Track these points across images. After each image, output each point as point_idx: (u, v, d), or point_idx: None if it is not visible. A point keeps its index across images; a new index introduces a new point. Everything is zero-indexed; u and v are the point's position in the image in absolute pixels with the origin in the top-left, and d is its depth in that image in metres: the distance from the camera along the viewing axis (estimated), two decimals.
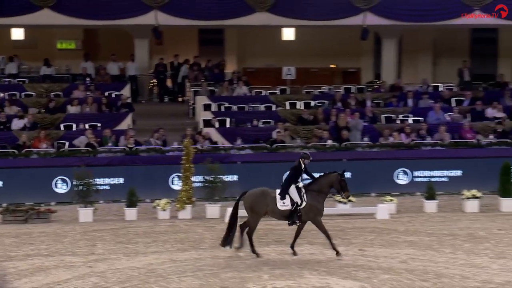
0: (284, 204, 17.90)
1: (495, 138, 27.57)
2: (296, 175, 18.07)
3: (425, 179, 25.53)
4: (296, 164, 18.16)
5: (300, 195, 17.89)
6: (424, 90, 31.53)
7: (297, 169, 18.08)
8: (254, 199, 18.18)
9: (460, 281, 16.66)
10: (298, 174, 18.08)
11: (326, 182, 18.03)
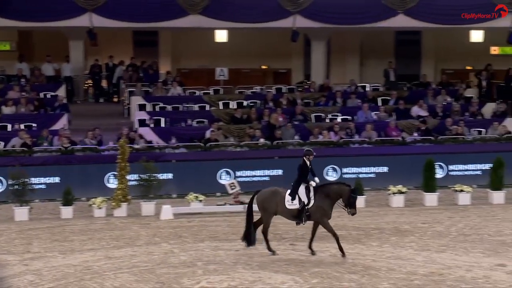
0: (292, 204, 17.68)
1: (419, 136, 27.98)
2: (304, 174, 17.76)
3: (353, 176, 25.73)
4: (301, 163, 17.87)
5: (309, 195, 17.63)
6: (352, 90, 31.84)
7: (303, 167, 17.81)
8: (264, 198, 18.01)
9: (386, 273, 16.87)
10: (305, 173, 17.76)
11: (336, 191, 17.69)
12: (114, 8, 30.61)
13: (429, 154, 25.22)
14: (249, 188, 25.08)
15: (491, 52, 35.54)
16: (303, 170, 17.78)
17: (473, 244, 19.09)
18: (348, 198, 17.51)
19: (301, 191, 17.66)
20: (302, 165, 17.83)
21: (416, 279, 16.39)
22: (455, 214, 22.66)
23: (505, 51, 35.29)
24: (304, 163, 17.84)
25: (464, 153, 26.74)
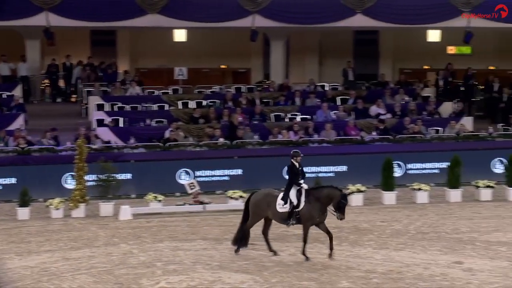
0: (282, 207, 17.39)
1: (378, 135, 28.18)
2: (294, 176, 17.47)
3: (312, 175, 25.77)
4: (289, 164, 17.65)
5: (300, 198, 17.35)
6: (311, 89, 31.96)
7: (292, 169, 17.56)
8: (256, 200, 17.78)
9: (345, 271, 16.96)
10: (295, 175, 17.48)
11: (327, 194, 17.34)
12: (71, 7, 30.33)
13: (387, 153, 25.40)
14: (209, 188, 25.14)
15: (448, 51, 35.93)
16: (292, 172, 17.53)
17: (431, 242, 19.27)
18: (338, 202, 17.22)
19: (292, 193, 17.40)
20: (291, 167, 17.59)
21: (374, 277, 16.50)
22: (413, 212, 22.86)
23: (461, 50, 35.71)
24: (292, 164, 17.59)
25: (422, 152, 26.99)
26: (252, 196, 18.10)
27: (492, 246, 18.89)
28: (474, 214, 22.50)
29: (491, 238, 19.62)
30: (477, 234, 20.05)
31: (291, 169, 17.61)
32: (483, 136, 28.18)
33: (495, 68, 35.83)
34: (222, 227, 21.25)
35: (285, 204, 17.34)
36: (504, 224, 21.11)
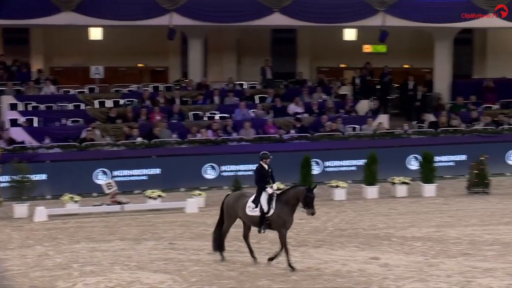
0: (253, 210, 16.73)
1: (296, 133, 28.41)
2: (262, 179, 16.76)
3: (231, 173, 25.88)
4: (257, 166, 16.96)
5: (270, 203, 16.65)
6: (229, 88, 31.99)
7: (260, 171, 16.83)
8: (229, 202, 17.24)
9: (265, 269, 17.04)
10: (263, 177, 16.76)
11: (293, 194, 16.66)
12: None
13: (305, 151, 25.64)
14: (127, 188, 24.93)
15: (364, 50, 36.49)
16: (260, 175, 16.83)
17: (348, 239, 19.54)
18: (305, 198, 16.49)
19: (263, 198, 16.71)
20: (259, 169, 16.91)
21: (293, 275, 16.63)
22: (331, 209, 23.14)
23: (377, 49, 36.31)
24: (260, 167, 16.89)
25: (339, 149, 27.33)
26: (226, 197, 17.58)
27: (407, 241, 19.28)
28: (390, 210, 22.92)
29: (406, 234, 20.02)
30: (393, 230, 20.43)
31: (259, 171, 16.86)
32: (398, 133, 28.73)
33: (409, 67, 36.58)
34: (140, 227, 21.10)
35: (255, 208, 16.70)
36: (419, 220, 21.58)
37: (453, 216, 21.94)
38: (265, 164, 16.93)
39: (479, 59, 36.25)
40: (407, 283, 16.00)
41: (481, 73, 35.72)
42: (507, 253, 18.10)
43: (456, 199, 24.31)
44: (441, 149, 27.25)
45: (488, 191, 24.81)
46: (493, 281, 16.11)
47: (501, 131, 29.11)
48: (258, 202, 16.70)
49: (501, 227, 20.56)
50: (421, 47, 35.14)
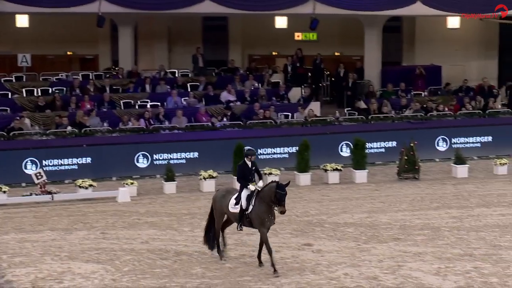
0: (234, 207, 16.16)
1: (229, 121, 28.38)
2: (245, 176, 16.10)
3: (164, 162, 25.72)
4: (240, 163, 16.33)
5: (249, 201, 15.96)
6: (160, 76, 31.75)
7: (243, 168, 16.16)
8: (216, 198, 16.74)
9: (199, 257, 17.03)
10: (246, 174, 16.09)
11: (267, 191, 15.81)
12: None
13: (238, 138, 25.61)
14: (57, 177, 24.58)
15: (295, 38, 36.63)
16: (242, 172, 16.17)
17: (281, 225, 19.62)
18: (275, 194, 15.61)
19: (243, 195, 16.08)
20: (242, 166, 16.27)
21: (227, 262, 16.65)
22: None
23: (308, 37, 36.50)
24: (244, 164, 16.23)
25: (272, 137, 27.40)
26: (215, 194, 17.19)
27: (339, 227, 19.49)
28: (323, 197, 23.12)
29: (339, 220, 20.23)
30: (325, 216, 20.61)
31: (241, 168, 16.24)
32: (330, 120, 28.96)
33: (340, 55, 36.89)
34: (71, 217, 20.82)
35: (236, 205, 16.14)
36: (351, 206, 21.81)
37: (384, 202, 22.25)
38: (249, 161, 16.18)
39: (407, 46, 36.78)
40: (340, 268, 16.17)
41: (410, 61, 36.25)
42: (436, 238, 18.46)
43: (387, 185, 24.66)
44: (372, 135, 27.57)
45: (418, 177, 25.23)
46: (423, 265, 16.41)
47: (430, 117, 29.61)
48: (239, 199, 16.12)
49: (430, 212, 20.95)
50: (351, 35, 35.45)
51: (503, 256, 16.94)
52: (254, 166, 16.30)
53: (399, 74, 33.61)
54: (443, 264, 16.45)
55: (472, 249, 17.50)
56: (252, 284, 15.31)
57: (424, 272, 15.94)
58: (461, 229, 19.22)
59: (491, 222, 19.78)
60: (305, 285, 15.28)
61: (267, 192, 15.82)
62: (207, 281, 15.50)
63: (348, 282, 14.79)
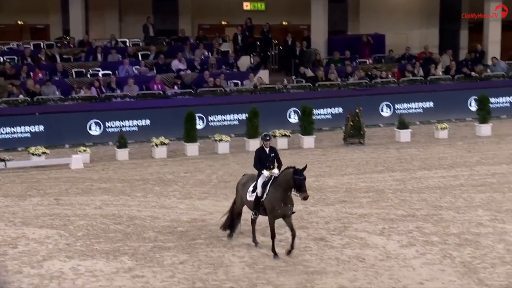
0: (251, 195, 14.95)
1: (179, 89, 28.20)
2: (260, 161, 14.79)
3: (116, 129, 25.50)
4: (257, 148, 15.09)
5: (265, 188, 14.69)
6: (112, 45, 31.35)
7: (260, 153, 14.85)
8: (238, 185, 15.55)
9: (151, 222, 16.98)
10: (263, 160, 14.77)
11: (282, 178, 14.47)
12: None
13: (189, 106, 25.52)
14: (9, 145, 24.26)
15: (244, 8, 36.43)
16: (258, 157, 14.87)
17: (232, 190, 19.37)
18: (294, 180, 14.26)
19: (259, 182, 14.83)
20: (258, 151, 14.97)
21: (179, 226, 16.65)
22: (215, 162, 23.20)
23: (256, 6, 36.34)
24: (261, 149, 14.95)
25: (222, 104, 27.33)
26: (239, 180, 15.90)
27: None
28: None
29: None
30: None
31: (257, 154, 14.93)
32: (278, 88, 28.96)
33: (288, 24, 36.83)
34: (25, 183, 20.56)
35: (253, 193, 14.96)
36: None
37: (331, 166, 22.41)
38: (266, 147, 14.91)
39: (352, 16, 36.87)
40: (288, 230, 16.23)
41: (355, 30, 36.38)
42: (380, 200, 18.68)
43: (333, 150, 24.82)
44: (319, 102, 27.69)
45: (363, 142, 25.43)
46: (368, 226, 16.62)
47: (374, 84, 29.81)
48: (256, 186, 14.94)
49: (375, 175, 21.16)
50: (298, 5, 35.39)
51: (444, 216, 17.23)
52: (273, 153, 14.91)
53: (345, 43, 33.72)
54: (387, 224, 16.68)
55: (415, 210, 17.77)
56: (204, 247, 15.33)
57: (369, 233, 16.14)
58: (404, 191, 19.47)
59: (432, 184, 20.08)
60: (255, 247, 15.33)
61: (283, 179, 14.46)
62: (160, 245, 15.49)
63: (296, 244, 14.89)
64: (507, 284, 13.40)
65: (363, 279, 13.69)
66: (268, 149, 14.92)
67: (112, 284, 13.47)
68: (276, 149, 15.05)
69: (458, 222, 16.80)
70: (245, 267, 14.31)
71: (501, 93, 29.70)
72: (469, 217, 17.15)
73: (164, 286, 13.40)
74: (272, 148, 14.96)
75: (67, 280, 13.68)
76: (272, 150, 14.95)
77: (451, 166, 22.06)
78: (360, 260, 14.58)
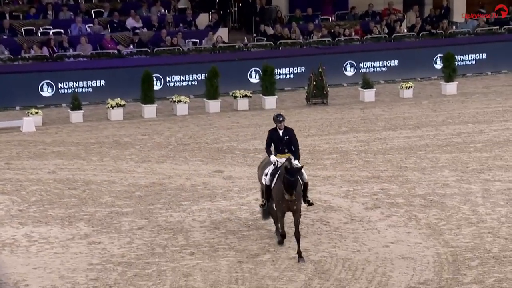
0: (265, 179, 13.62)
1: (135, 48, 27.89)
2: (272, 142, 13.48)
3: (70, 91, 25.16)
4: (270, 129, 13.69)
5: (273, 176, 13.34)
6: (63, 2, 30.81)
7: (271, 135, 13.52)
8: (258, 168, 14.36)
9: (108, 186, 16.89)
10: (275, 143, 13.46)
11: (281, 168, 13.14)
12: None
13: (146, 66, 25.25)
14: None
15: None
16: (269, 139, 13.57)
17: (192, 153, 19.61)
18: (283, 179, 12.85)
19: (269, 169, 13.54)
20: (270, 133, 13.61)
21: (137, 190, 16.58)
22: (174, 124, 23.08)
23: None
24: (273, 130, 13.57)
25: (180, 64, 27.09)
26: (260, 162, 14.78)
27: (250, 153, 19.59)
28: (232, 124, 23.12)
29: (249, 146, 20.32)
30: (236, 143, 20.67)
31: (269, 135, 13.63)
32: (239, 47, 28.79)
33: None
34: None
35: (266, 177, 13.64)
36: (260, 132, 21.84)
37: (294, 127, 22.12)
38: (280, 128, 13.49)
39: None
40: (250, 194, 16.32)
41: None
42: (344, 161, 18.78)
43: (296, 110, 24.81)
44: (281, 61, 27.58)
45: (326, 102, 25.46)
46: (332, 188, 16.72)
47: (337, 42, 29.79)
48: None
49: (339, 136, 21.24)
50: None
51: (409, 177, 17.39)
52: (288, 135, 13.47)
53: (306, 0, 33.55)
54: (352, 186, 16.79)
55: (379, 171, 17.89)
56: (163, 212, 15.30)
57: (333, 195, 16.24)
58: (369, 152, 19.59)
59: (397, 145, 20.22)
60: (217, 211, 15.36)
61: (281, 171, 13.09)
62: (117, 210, 15.43)
63: (258, 207, 14.92)
64: (473, 245, 13.61)
65: (327, 242, 13.79)
66: (282, 131, 13.49)
67: (67, 251, 13.41)
68: (292, 130, 13.63)
69: (424, 183, 16.97)
70: (206, 232, 14.33)
71: (467, 51, 29.87)
72: (435, 178, 17.33)
73: (122, 252, 13.36)
74: (287, 129, 13.53)
75: (20, 247, 13.57)
76: (287, 132, 13.50)
77: (416, 126, 22.21)
78: (324, 224, 14.67)
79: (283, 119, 13.51)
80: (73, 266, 12.76)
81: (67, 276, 12.39)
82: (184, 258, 13.14)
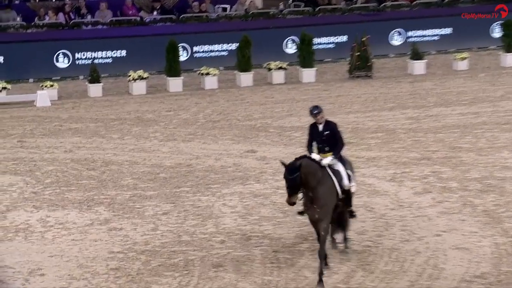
0: None
1: (159, 15, 27.96)
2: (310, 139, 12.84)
3: (87, 61, 25.36)
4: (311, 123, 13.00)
5: None
6: None
7: (310, 131, 12.86)
8: None
9: (130, 167, 17.01)
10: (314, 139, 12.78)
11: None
12: None
13: (171, 35, 25.34)
14: None
15: None
16: (309, 135, 12.95)
17: (222, 131, 19.67)
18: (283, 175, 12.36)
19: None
20: (309, 129, 12.94)
21: (161, 172, 16.66)
22: (202, 99, 23.16)
23: None
24: (312, 125, 12.85)
25: (208, 32, 27.16)
26: None
27: (285, 131, 19.61)
28: (266, 99, 23.15)
29: (285, 124, 20.35)
30: (270, 120, 20.70)
31: (308, 131, 12.98)
32: (273, 13, 28.77)
33: None
34: None
35: None
36: (297, 108, 21.89)
37: (334, 103, 22.39)
38: (319, 123, 12.78)
39: None
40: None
41: None
42: (391, 141, 18.71)
43: (337, 84, 24.78)
44: (320, 30, 27.53)
45: (370, 75, 25.38)
46: (377, 171, 16.68)
47: (383, 8, 29.61)
48: None
49: (384, 113, 21.18)
50: None
51: (463, 159, 17.28)
52: (329, 130, 12.74)
53: None
54: (399, 169, 16.73)
55: (430, 152, 17.81)
56: (190, 196, 15.35)
57: (378, 179, 16.19)
58: (418, 130, 19.51)
59: (450, 123, 20.11)
60: (249, 195, 15.38)
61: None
62: (139, 193, 15.51)
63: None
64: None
65: (372, 230, 13.75)
66: (322, 125, 12.75)
67: (86, 237, 13.51)
68: (335, 124, 12.87)
69: (480, 165, 16.86)
70: (238, 218, 14.36)
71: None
72: (493, 159, 17.21)
73: (146, 240, 13.44)
74: (328, 123, 12.79)
75: (35, 233, 13.71)
76: (328, 126, 12.76)
77: (472, 102, 22.09)
78: (369, 210, 14.63)
79: (319, 112, 12.67)
80: (92, 254, 12.86)
81: (85, 265, 12.49)
82: (213, 246, 13.18)
